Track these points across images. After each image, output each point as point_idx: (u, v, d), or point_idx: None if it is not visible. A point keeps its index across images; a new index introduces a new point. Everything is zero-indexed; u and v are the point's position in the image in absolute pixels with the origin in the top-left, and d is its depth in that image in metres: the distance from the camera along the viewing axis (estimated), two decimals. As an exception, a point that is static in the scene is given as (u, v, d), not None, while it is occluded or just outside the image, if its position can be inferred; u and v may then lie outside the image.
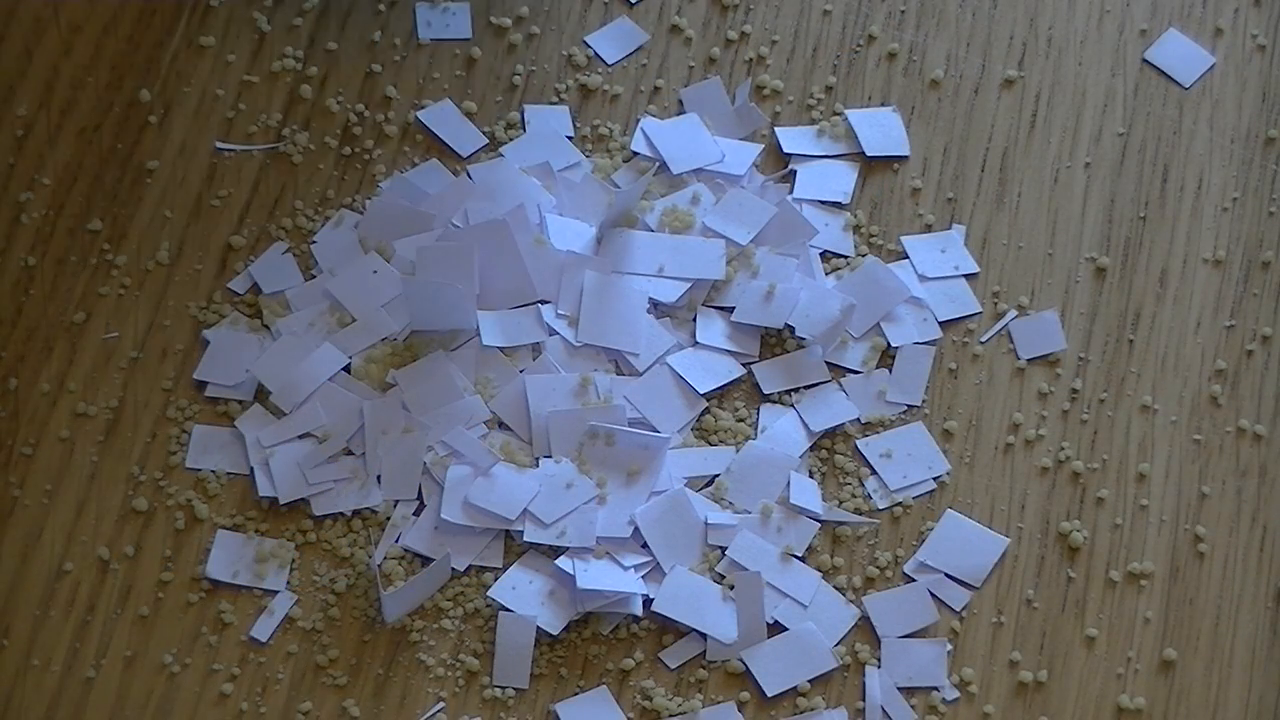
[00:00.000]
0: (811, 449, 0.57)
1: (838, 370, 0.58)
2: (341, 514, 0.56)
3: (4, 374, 0.57)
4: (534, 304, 0.58)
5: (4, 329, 0.58)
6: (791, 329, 0.58)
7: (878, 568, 0.56)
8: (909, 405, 0.58)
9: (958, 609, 0.56)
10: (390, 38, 0.62)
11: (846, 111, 0.61)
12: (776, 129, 0.61)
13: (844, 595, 0.56)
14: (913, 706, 0.55)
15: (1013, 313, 0.59)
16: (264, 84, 0.61)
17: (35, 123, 0.60)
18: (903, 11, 0.63)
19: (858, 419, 0.58)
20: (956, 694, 0.55)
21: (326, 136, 0.60)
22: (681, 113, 0.61)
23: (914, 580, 0.56)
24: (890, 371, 0.58)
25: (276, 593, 0.55)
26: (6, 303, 0.58)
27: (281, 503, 0.56)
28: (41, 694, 0.54)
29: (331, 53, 0.62)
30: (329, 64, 0.61)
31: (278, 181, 0.60)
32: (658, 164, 0.60)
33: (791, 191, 0.60)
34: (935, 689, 0.55)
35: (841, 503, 0.57)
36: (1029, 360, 0.59)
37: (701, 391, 0.57)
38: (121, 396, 0.57)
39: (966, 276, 0.60)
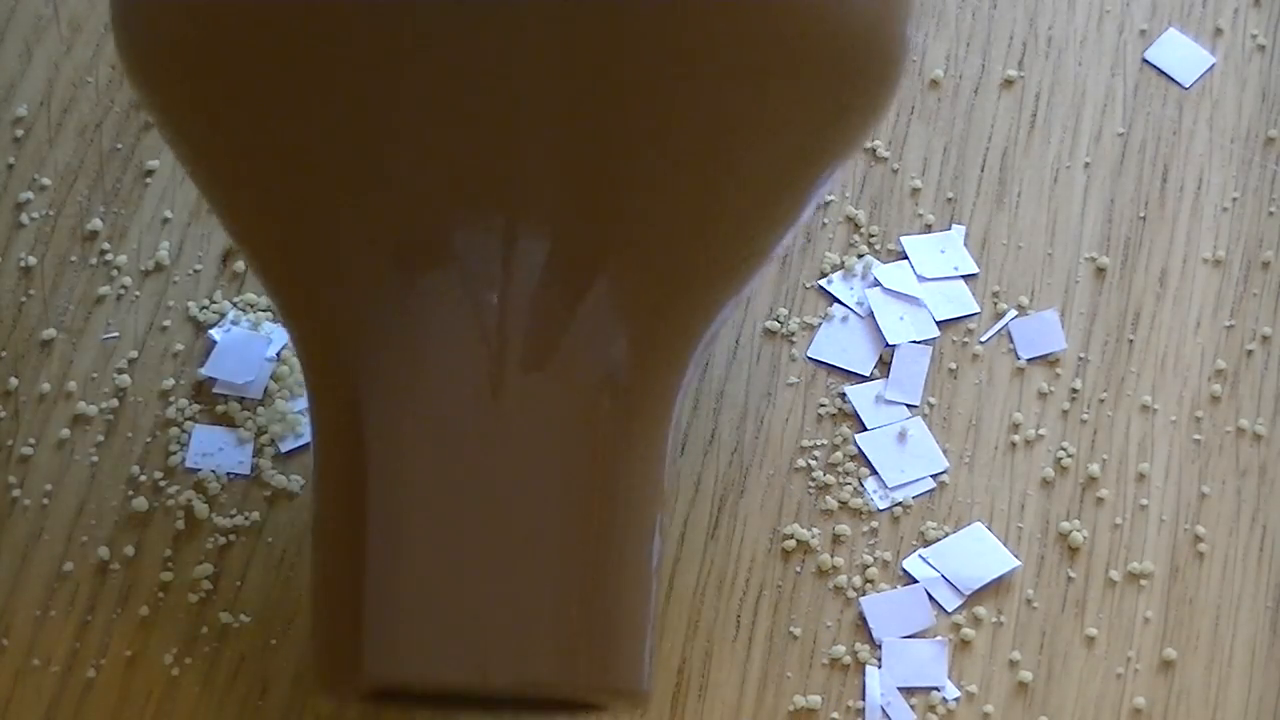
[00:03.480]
0: (811, 449, 0.58)
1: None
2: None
3: (4, 374, 0.57)
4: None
5: (4, 329, 0.58)
6: None
7: (877, 568, 0.56)
8: (908, 405, 0.58)
9: (950, 610, 0.56)
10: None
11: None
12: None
13: (844, 595, 0.56)
14: (912, 707, 0.55)
15: (1013, 313, 0.59)
16: (264, 84, 0.61)
17: (35, 123, 0.60)
18: (903, 11, 0.63)
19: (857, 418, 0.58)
20: (958, 693, 0.55)
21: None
22: None
23: (913, 579, 0.56)
24: (888, 371, 0.58)
25: (277, 593, 0.55)
26: (6, 303, 0.58)
27: None
28: (41, 694, 0.54)
29: (331, 53, 0.62)
30: (329, 64, 0.61)
31: (278, 181, 0.60)
32: None
33: None
34: (935, 689, 0.55)
35: (843, 503, 0.57)
36: (1029, 360, 0.59)
37: None
38: (121, 396, 0.57)
39: (966, 277, 0.60)
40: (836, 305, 0.59)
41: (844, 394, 0.58)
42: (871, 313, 0.59)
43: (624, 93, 0.44)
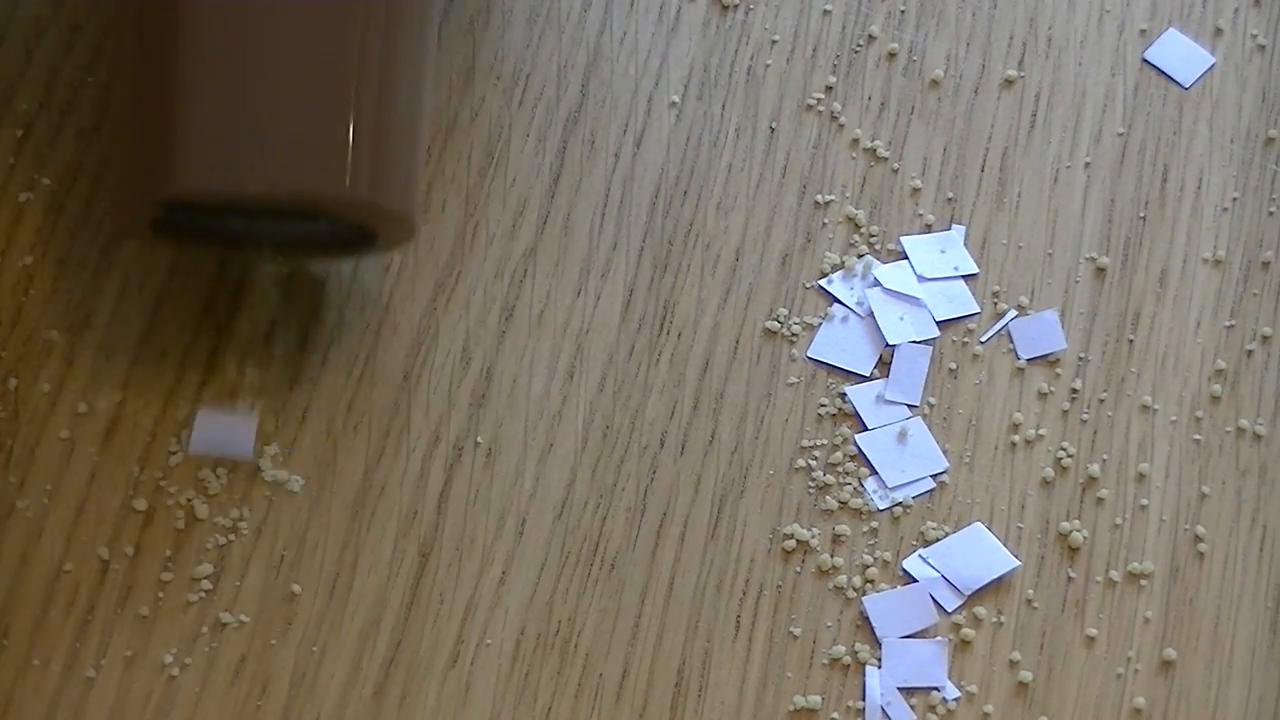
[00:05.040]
0: (811, 449, 0.58)
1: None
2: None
3: (4, 374, 0.57)
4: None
5: (4, 329, 0.58)
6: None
7: (877, 568, 0.56)
8: (908, 405, 0.58)
9: (950, 610, 0.56)
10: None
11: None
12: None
13: (844, 595, 0.56)
14: (912, 707, 0.55)
15: (1013, 313, 0.59)
16: (264, 84, 0.61)
17: (35, 123, 0.60)
18: (903, 11, 0.63)
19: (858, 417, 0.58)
20: (957, 693, 0.55)
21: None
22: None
23: (913, 579, 0.56)
24: (888, 371, 0.58)
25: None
26: (6, 303, 0.58)
27: None
28: (41, 694, 0.54)
29: (331, 53, 0.62)
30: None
31: (278, 181, 0.60)
32: None
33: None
34: (935, 689, 0.55)
35: (843, 503, 0.57)
36: (1029, 360, 0.59)
37: None
38: (121, 396, 0.57)
39: (966, 277, 0.60)
40: (836, 305, 0.59)
41: (844, 394, 0.58)
42: (871, 313, 0.59)
43: None
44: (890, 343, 0.59)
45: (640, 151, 0.61)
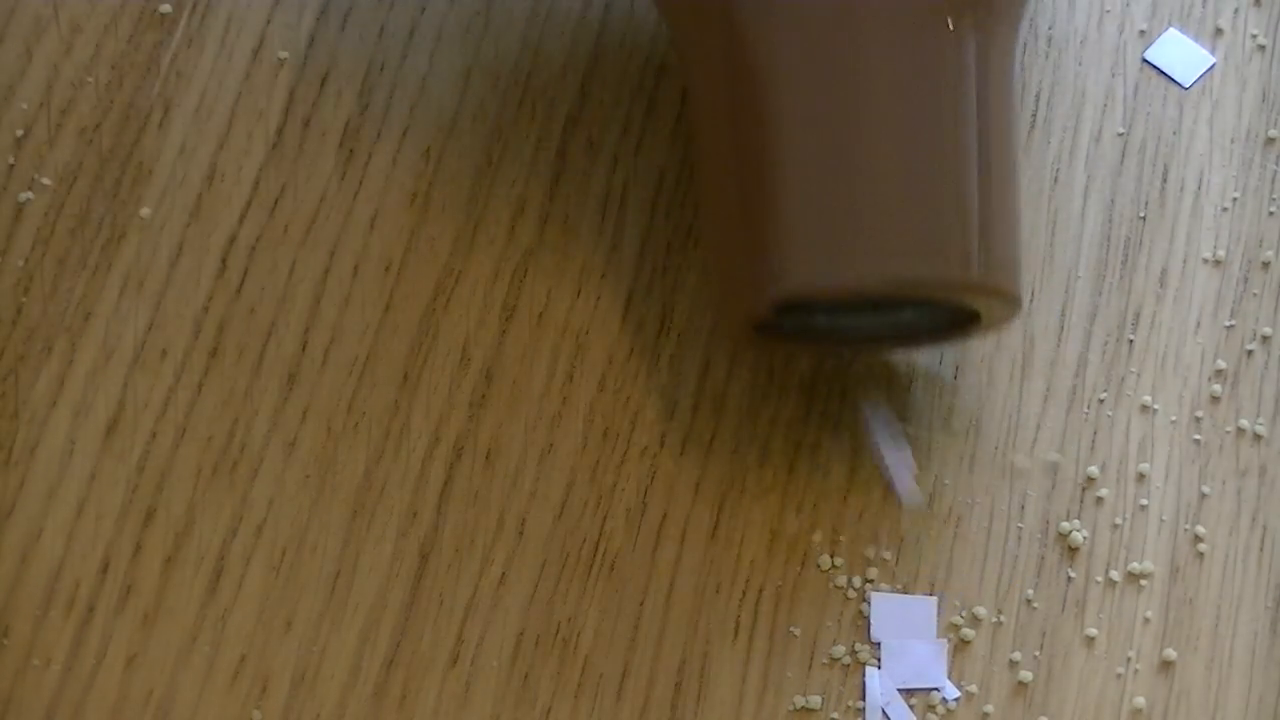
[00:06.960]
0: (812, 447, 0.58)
1: (838, 370, 0.59)
2: (341, 514, 0.56)
3: (4, 374, 0.57)
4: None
5: (4, 329, 0.58)
6: None
7: (877, 568, 0.56)
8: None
9: (950, 611, 0.56)
10: (391, 35, 0.62)
11: None
12: None
13: (844, 595, 0.56)
14: (912, 707, 0.55)
15: (1013, 313, 0.59)
16: (264, 84, 0.61)
17: (35, 123, 0.60)
18: (903, 11, 0.63)
19: (858, 419, 0.58)
20: (957, 693, 0.55)
21: (326, 136, 0.61)
22: None
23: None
24: (890, 371, 0.59)
25: (277, 593, 0.55)
26: (6, 303, 0.58)
27: None
28: (41, 694, 0.54)
29: (332, 53, 0.62)
30: (329, 64, 0.61)
31: (278, 181, 0.60)
32: None
33: None
34: (935, 689, 0.55)
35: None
36: (1029, 360, 0.59)
37: None
38: (121, 397, 0.57)
39: (966, 277, 0.60)
40: (836, 305, 0.59)
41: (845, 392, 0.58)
42: (871, 312, 0.59)
43: None
44: (890, 342, 0.59)
45: (640, 151, 0.61)
